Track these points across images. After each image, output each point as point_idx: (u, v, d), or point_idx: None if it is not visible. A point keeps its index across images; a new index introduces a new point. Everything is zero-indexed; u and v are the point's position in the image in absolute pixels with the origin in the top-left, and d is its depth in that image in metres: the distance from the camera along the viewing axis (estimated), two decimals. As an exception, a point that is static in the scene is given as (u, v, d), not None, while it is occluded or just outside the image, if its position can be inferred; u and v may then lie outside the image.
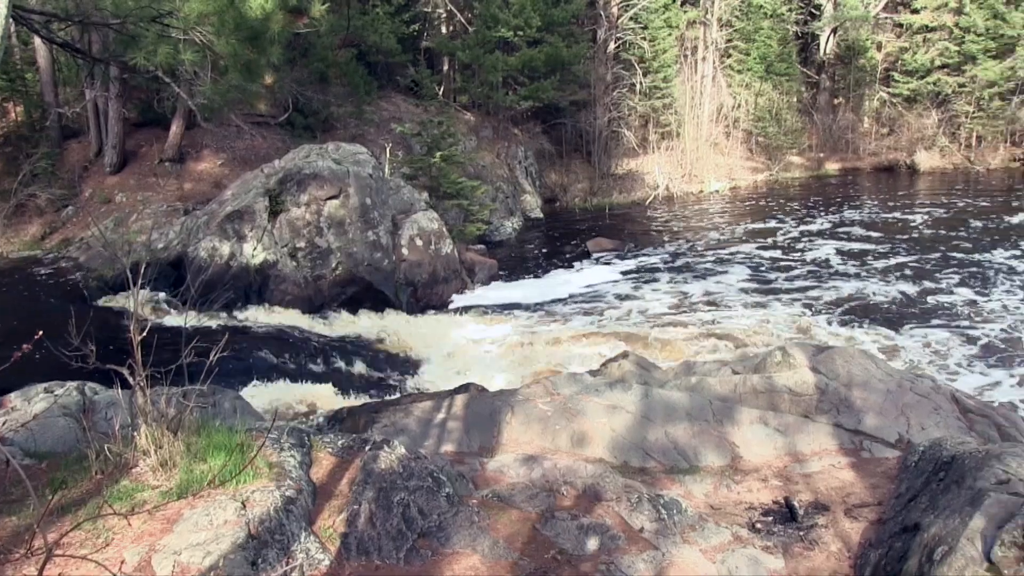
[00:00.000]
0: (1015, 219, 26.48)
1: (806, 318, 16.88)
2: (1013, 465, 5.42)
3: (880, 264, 21.32)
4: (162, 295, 16.29)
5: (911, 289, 18.77)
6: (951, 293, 18.35)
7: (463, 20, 30.90)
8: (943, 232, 24.86)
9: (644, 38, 33.85)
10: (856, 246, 23.71)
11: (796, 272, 20.92)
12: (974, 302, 17.63)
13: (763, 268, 21.42)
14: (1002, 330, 15.80)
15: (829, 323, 16.58)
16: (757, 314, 17.16)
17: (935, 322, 16.43)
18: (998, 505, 4.95)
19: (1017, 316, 16.60)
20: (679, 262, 22.40)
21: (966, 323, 16.31)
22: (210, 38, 8.46)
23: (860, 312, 17.26)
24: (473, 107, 31.16)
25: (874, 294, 18.52)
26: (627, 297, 18.89)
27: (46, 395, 7.32)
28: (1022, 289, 18.40)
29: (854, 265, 21.39)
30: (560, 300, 18.73)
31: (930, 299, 17.97)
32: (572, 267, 22.29)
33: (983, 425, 8.05)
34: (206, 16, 8.27)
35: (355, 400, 12.13)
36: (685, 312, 17.46)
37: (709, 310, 17.53)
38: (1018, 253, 21.81)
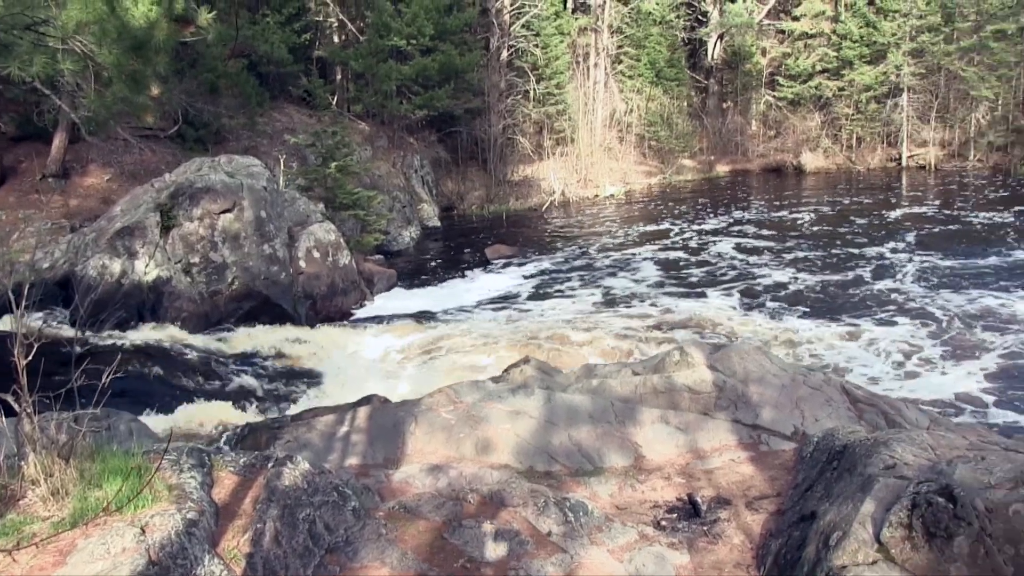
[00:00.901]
0: (893, 215, 27.75)
1: (708, 313, 17.30)
2: (899, 451, 5.65)
3: (779, 259, 22.13)
4: (49, 316, 15.67)
5: (811, 281, 19.66)
6: (850, 285, 19.25)
7: (354, 29, 30.65)
8: (833, 228, 25.95)
9: (537, 45, 34.15)
10: (752, 243, 24.55)
11: (695, 271, 21.46)
12: (873, 292, 18.47)
13: (661, 268, 21.87)
14: (906, 318, 16.59)
15: (734, 319, 17.04)
16: (658, 314, 17.49)
17: (840, 313, 17.17)
18: (886, 489, 5.16)
19: (917, 304, 17.42)
20: (577, 265, 22.67)
21: (871, 312, 17.07)
22: (91, 48, 8.15)
23: (764, 306, 17.85)
24: (367, 116, 30.91)
25: (776, 288, 19.19)
26: (527, 302, 19.02)
27: (-77, 426, 6.95)
28: (913, 279, 19.35)
29: (753, 261, 22.13)
30: (460, 307, 18.73)
31: (831, 290, 18.81)
32: (472, 274, 22.34)
33: (872, 414, 8.37)
34: (85, 24, 7.95)
35: (256, 417, 11.89)
36: (585, 315, 17.67)
37: (609, 312, 17.78)
38: (902, 245, 22.96)
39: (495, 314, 18.04)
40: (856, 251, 22.64)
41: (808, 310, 17.40)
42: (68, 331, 14.62)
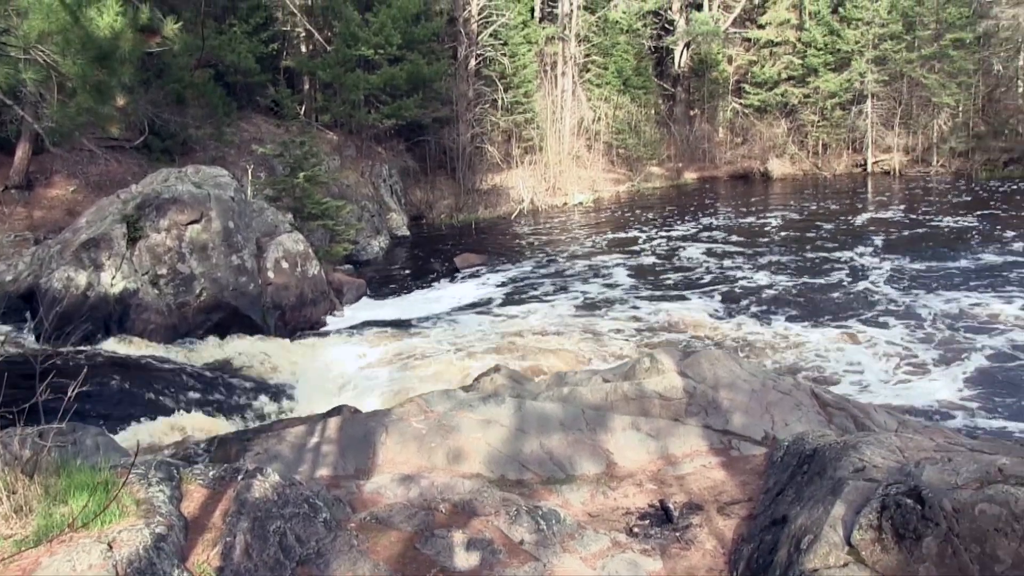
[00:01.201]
0: (861, 219, 28.09)
1: (683, 319, 17.38)
2: (868, 453, 5.70)
3: (751, 264, 22.37)
4: (13, 329, 15.45)
5: (785, 285, 19.86)
6: (826, 289, 19.49)
7: (322, 39, 30.56)
8: (802, 233, 26.28)
9: (504, 54, 34.24)
10: (723, 248, 24.79)
11: (668, 276, 21.57)
12: (848, 296, 18.69)
13: (632, 275, 21.95)
14: (887, 320, 16.75)
15: (708, 324, 17.12)
16: (631, 321, 17.53)
17: (820, 316, 17.33)
18: (856, 492, 5.20)
19: (895, 308, 17.61)
20: (547, 273, 22.71)
21: (849, 315, 17.25)
22: (55, 58, 8.04)
23: (743, 311, 17.98)
24: (335, 126, 30.83)
25: (751, 293, 19.35)
26: (498, 310, 19.00)
27: None
28: (886, 282, 19.62)
29: (726, 266, 22.31)
30: (430, 317, 18.69)
31: (807, 295, 19.02)
32: (441, 283, 22.31)
33: (841, 418, 8.45)
34: (48, 34, 7.84)
35: (226, 429, 11.78)
36: (556, 322, 17.68)
37: (581, 319, 17.80)
38: (871, 250, 23.31)
39: (465, 323, 18.01)
40: (827, 255, 22.92)
41: (784, 314, 17.50)
42: (32, 344, 14.42)
